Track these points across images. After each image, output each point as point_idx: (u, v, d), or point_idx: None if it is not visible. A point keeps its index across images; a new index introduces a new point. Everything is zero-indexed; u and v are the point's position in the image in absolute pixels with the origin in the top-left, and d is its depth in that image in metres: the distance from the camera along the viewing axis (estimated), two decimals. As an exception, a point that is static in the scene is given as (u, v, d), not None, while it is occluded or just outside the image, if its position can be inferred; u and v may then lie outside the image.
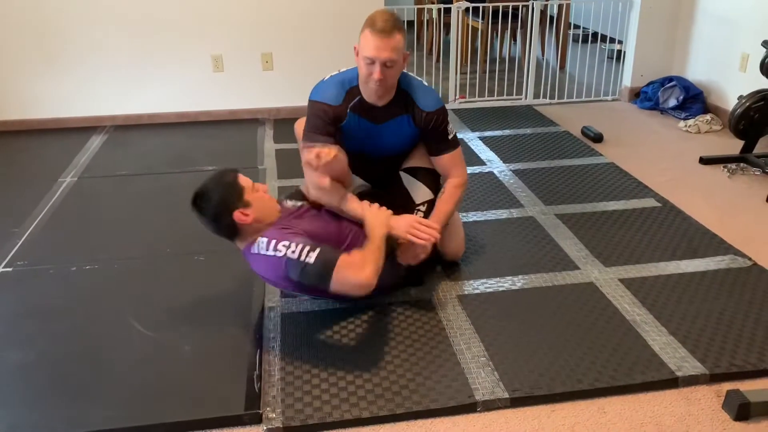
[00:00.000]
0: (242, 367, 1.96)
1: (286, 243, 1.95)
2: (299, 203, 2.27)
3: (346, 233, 2.19)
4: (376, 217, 2.13)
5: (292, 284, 2.05)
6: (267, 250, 1.98)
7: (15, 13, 3.98)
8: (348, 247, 2.12)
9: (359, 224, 2.19)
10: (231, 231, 2.06)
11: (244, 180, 2.08)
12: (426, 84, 2.33)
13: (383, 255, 2.04)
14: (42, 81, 4.16)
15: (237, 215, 2.00)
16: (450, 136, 2.32)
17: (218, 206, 2.02)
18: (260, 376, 1.92)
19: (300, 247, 1.94)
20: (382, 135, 2.31)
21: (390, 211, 2.18)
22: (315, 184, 2.20)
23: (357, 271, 1.94)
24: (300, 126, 2.39)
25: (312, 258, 1.92)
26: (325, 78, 2.30)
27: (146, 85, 4.27)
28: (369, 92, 2.19)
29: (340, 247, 2.10)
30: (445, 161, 2.34)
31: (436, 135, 2.30)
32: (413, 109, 2.26)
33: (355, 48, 2.16)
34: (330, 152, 2.10)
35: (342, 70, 2.29)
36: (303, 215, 2.20)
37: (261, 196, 2.08)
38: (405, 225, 2.16)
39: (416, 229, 2.15)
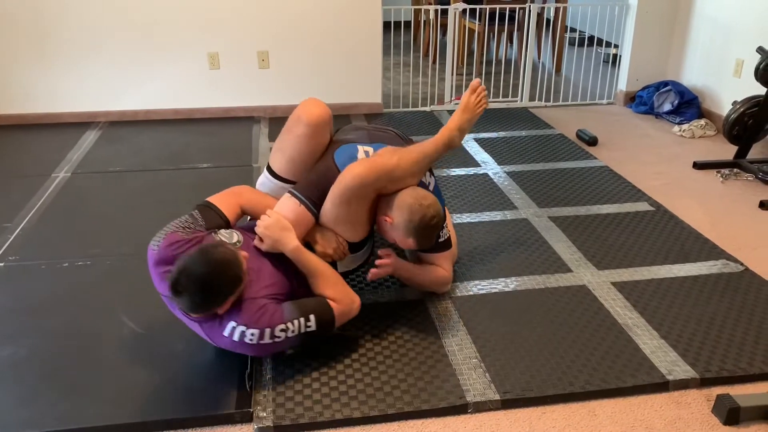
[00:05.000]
0: (234, 366, 1.96)
1: (283, 327, 1.84)
2: (234, 238, 1.96)
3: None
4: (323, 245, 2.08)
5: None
6: (262, 339, 1.81)
7: (11, 8, 3.96)
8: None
9: None
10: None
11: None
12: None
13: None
14: (37, 76, 4.15)
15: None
16: (441, 240, 2.21)
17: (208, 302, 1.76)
18: (252, 375, 1.92)
19: (296, 323, 1.85)
20: None
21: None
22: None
23: (349, 307, 1.99)
24: (315, 105, 2.21)
25: (312, 324, 1.88)
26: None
27: (142, 82, 4.26)
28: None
29: (293, 275, 2.00)
30: (431, 258, 2.26)
31: None
32: None
33: (388, 219, 2.05)
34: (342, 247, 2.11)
35: None
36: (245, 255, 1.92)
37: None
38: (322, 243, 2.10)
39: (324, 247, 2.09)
